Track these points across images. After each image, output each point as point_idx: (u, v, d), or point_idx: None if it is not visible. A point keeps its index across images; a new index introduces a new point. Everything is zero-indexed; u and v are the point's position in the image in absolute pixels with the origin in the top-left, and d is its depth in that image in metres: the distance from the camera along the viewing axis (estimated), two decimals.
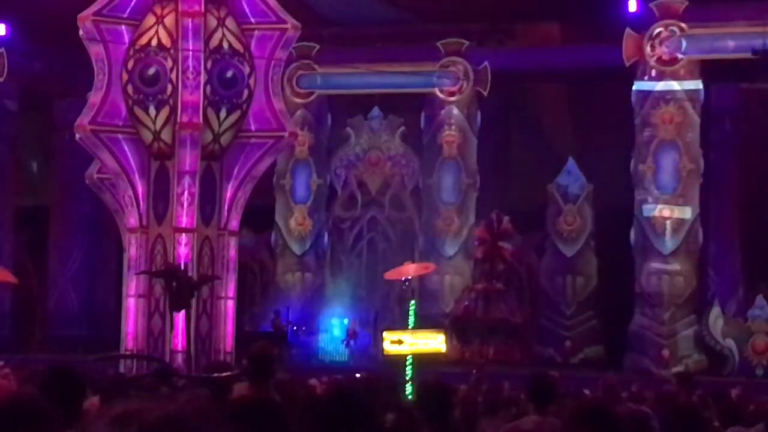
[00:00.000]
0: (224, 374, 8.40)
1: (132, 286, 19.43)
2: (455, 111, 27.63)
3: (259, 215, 25.97)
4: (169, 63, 19.40)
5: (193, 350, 18.25)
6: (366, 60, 26.31)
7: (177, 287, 17.20)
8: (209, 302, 19.10)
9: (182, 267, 18.25)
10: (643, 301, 25.10)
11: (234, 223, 19.97)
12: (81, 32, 19.54)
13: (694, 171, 25.16)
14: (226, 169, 19.71)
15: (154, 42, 19.48)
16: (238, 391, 7.81)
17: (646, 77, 25.48)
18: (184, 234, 19.27)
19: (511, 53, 27.51)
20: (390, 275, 22.82)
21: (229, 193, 19.75)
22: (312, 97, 28.43)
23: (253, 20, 19.80)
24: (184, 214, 19.31)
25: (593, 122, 26.78)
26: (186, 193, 19.30)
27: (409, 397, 15.44)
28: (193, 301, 17.88)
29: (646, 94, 25.44)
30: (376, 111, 28.76)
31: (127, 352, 19.12)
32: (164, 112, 19.36)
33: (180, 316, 17.82)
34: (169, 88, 19.35)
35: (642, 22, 25.41)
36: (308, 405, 6.60)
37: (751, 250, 25.31)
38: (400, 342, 22.14)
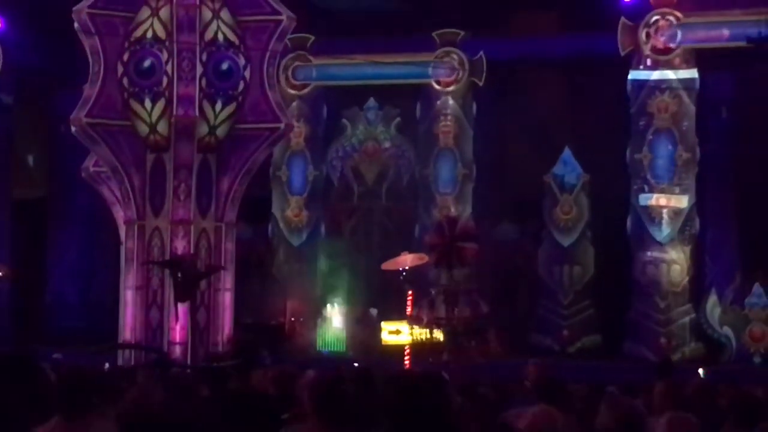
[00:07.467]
0: (224, 364, 8.45)
1: (130, 278, 19.44)
2: (451, 101, 27.63)
3: (256, 207, 25.99)
4: (165, 55, 19.41)
5: (191, 342, 18.28)
6: (361, 51, 26.27)
7: (182, 278, 17.17)
8: (207, 294, 19.12)
9: (188, 257, 18.23)
10: (640, 289, 25.14)
11: (231, 215, 19.98)
12: (76, 25, 19.54)
13: (690, 160, 25.19)
14: (223, 161, 19.73)
15: (149, 34, 19.49)
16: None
17: (641, 66, 25.50)
18: (180, 226, 19.29)
19: (507, 43, 27.46)
20: (387, 266, 22.84)
21: (225, 185, 19.77)
22: (307, 89, 28.40)
23: (248, 12, 19.81)
24: (181, 206, 19.33)
25: (589, 112, 26.75)
26: (182, 185, 19.32)
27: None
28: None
29: (641, 84, 25.47)
30: (371, 102, 28.74)
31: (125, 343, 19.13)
32: (160, 104, 19.38)
33: (182, 308, 17.81)
34: (165, 80, 19.37)
35: (637, 11, 25.43)
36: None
37: (748, 238, 25.31)
38: (398, 332, 22.23)
